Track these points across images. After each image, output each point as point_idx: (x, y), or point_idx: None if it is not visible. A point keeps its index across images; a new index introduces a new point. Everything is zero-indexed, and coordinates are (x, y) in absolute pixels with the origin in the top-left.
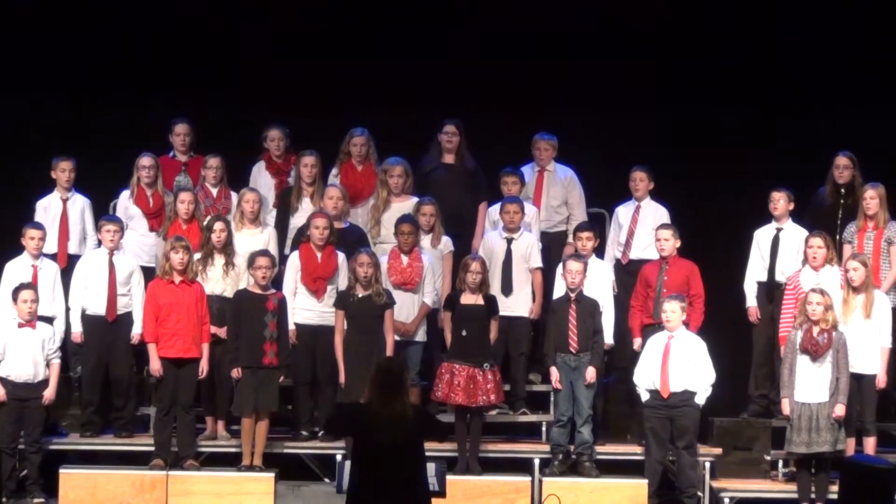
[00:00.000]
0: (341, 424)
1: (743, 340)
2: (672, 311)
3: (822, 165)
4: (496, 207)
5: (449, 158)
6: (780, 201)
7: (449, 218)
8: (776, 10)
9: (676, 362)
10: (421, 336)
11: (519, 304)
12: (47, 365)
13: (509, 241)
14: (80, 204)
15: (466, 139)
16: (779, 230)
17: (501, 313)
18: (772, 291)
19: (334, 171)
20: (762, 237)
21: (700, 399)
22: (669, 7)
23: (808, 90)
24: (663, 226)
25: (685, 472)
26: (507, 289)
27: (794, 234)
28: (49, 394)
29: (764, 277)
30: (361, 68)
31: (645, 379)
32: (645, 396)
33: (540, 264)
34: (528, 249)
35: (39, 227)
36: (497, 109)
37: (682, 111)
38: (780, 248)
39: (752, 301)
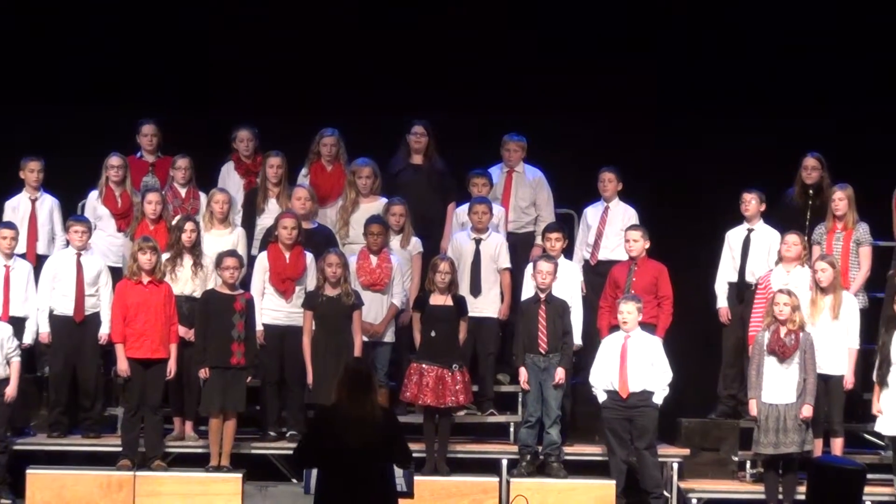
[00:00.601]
0: (308, 456)
1: (711, 341)
2: (629, 311)
3: (792, 166)
4: (464, 208)
5: (417, 159)
6: (751, 202)
7: (417, 219)
8: (743, 9)
9: (634, 362)
10: (389, 337)
11: (487, 304)
12: (7, 363)
13: (478, 241)
14: (48, 204)
15: (435, 140)
16: (750, 231)
17: (470, 314)
18: (742, 292)
19: (304, 171)
20: (733, 238)
21: (658, 399)
22: (638, 9)
23: (778, 92)
24: (633, 227)
25: (649, 473)
26: (475, 289)
27: (765, 235)
28: (10, 391)
29: (734, 278)
30: (331, 69)
31: (602, 379)
32: (602, 397)
33: (508, 265)
34: (496, 250)
35: (12, 226)
36: (466, 110)
37: (651, 112)
38: (751, 249)
39: (722, 302)
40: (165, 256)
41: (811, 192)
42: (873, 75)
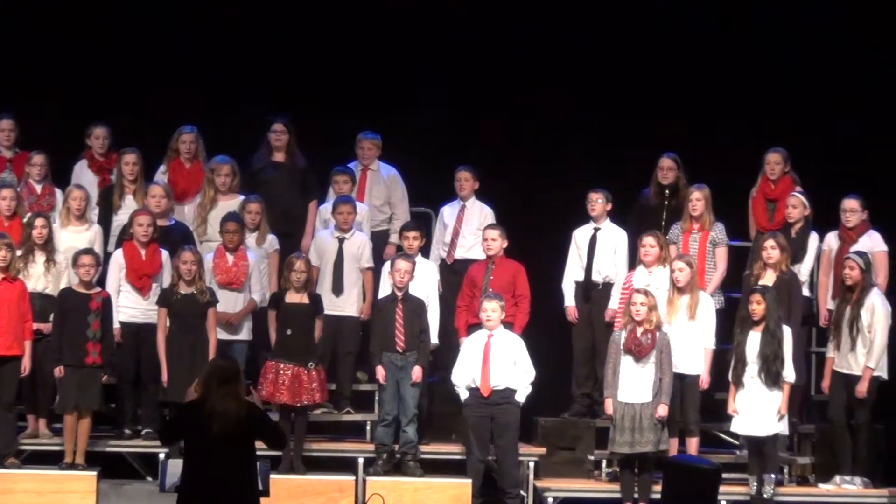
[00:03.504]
0: (177, 430)
1: (568, 340)
2: (492, 310)
3: (647, 166)
4: (328, 206)
5: (278, 157)
6: (597, 202)
7: (279, 217)
8: (598, 7)
9: (497, 361)
10: (246, 334)
11: (349, 303)
12: None
13: (341, 240)
14: None
15: (296, 137)
16: (596, 230)
17: (332, 312)
18: (588, 291)
19: (162, 168)
20: (580, 237)
21: (520, 397)
22: (489, 7)
23: (633, 91)
24: (491, 226)
25: (508, 472)
26: (338, 288)
27: (611, 235)
28: None
29: (581, 277)
30: (187, 66)
31: (464, 377)
32: (464, 395)
33: (371, 264)
34: (359, 249)
35: None
36: (325, 108)
37: (506, 111)
38: (598, 248)
39: (570, 301)
40: (19, 253)
41: (667, 192)
42: (729, 75)
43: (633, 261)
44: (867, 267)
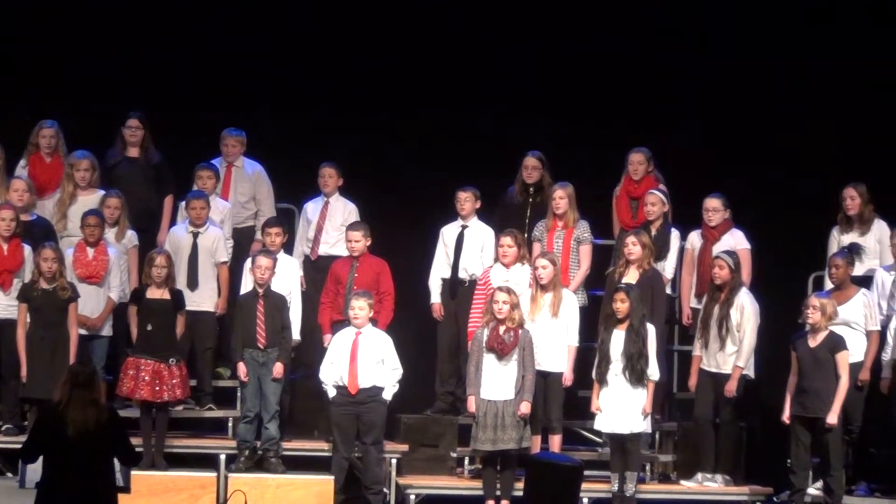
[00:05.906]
0: (35, 443)
1: (431, 337)
2: (360, 307)
3: (512, 164)
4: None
5: (133, 152)
6: (466, 200)
7: (135, 212)
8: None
9: (365, 359)
10: (107, 330)
11: (204, 298)
12: None
13: (195, 235)
14: None
15: (151, 132)
16: (464, 228)
17: (187, 308)
18: (455, 288)
19: (22, 162)
20: (448, 234)
21: (387, 395)
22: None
23: (499, 88)
24: (353, 226)
25: (371, 469)
26: (192, 283)
27: (478, 232)
28: None
29: (448, 274)
30: (46, 59)
31: (332, 375)
32: (332, 393)
33: (225, 259)
34: (214, 243)
35: None
36: (189, 104)
37: (369, 107)
38: (465, 246)
39: (436, 298)
40: None
41: (532, 190)
42: (595, 73)
43: None
44: (736, 266)
